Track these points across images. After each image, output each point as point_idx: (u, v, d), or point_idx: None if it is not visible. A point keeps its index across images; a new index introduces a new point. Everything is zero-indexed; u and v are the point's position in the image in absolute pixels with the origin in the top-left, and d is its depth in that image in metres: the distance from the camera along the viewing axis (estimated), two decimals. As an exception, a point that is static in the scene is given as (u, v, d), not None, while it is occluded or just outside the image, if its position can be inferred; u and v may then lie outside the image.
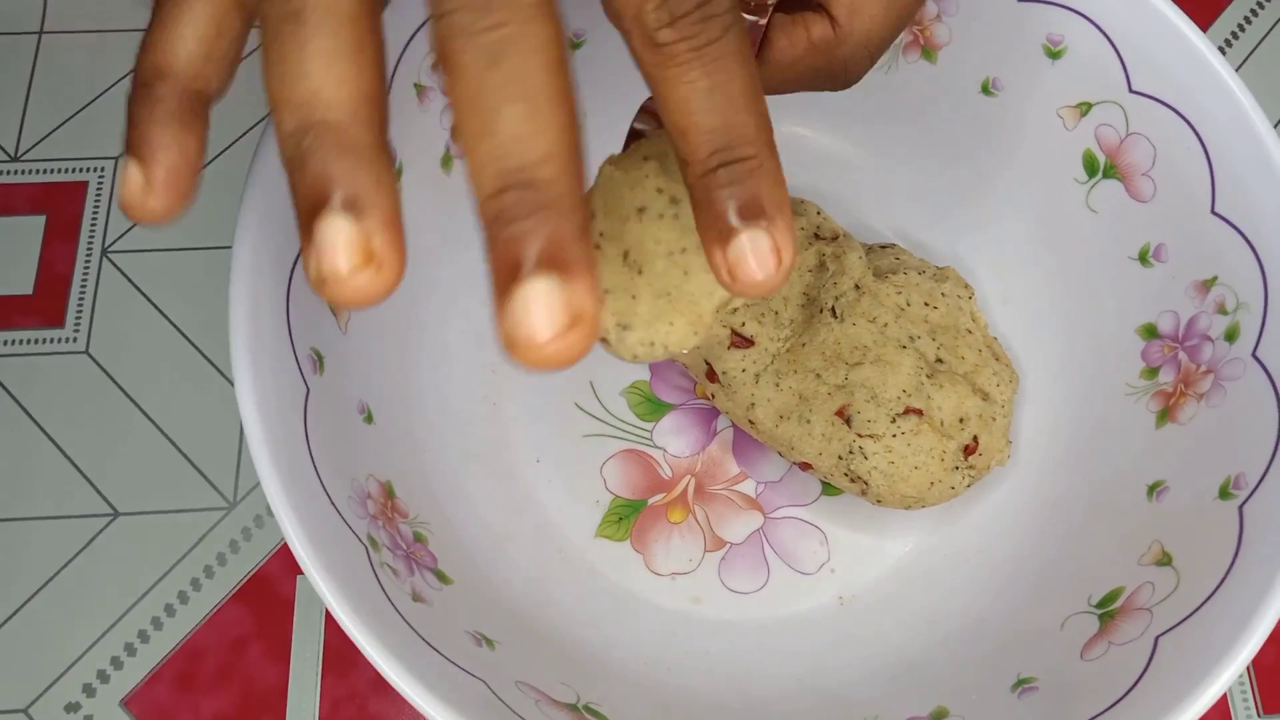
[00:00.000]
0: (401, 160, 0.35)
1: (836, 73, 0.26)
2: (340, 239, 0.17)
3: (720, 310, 0.22)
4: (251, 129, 0.45)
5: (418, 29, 0.34)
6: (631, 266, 0.21)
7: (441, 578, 0.32)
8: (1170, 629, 0.29)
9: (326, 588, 0.26)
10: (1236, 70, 0.48)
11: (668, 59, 0.19)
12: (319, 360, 0.31)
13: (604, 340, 0.22)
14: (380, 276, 0.17)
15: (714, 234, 0.19)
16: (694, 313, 0.22)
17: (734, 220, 0.19)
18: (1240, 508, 0.30)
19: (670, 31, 0.19)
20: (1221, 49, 0.49)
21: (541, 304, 0.16)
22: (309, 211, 0.17)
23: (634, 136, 0.26)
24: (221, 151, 0.44)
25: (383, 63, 0.18)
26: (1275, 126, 0.45)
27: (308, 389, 0.30)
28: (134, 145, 0.20)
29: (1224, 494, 0.31)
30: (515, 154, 0.17)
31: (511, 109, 0.17)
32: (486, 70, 0.17)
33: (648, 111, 0.26)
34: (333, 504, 0.29)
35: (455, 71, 0.17)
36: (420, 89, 0.35)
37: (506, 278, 0.17)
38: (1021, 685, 0.31)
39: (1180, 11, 0.33)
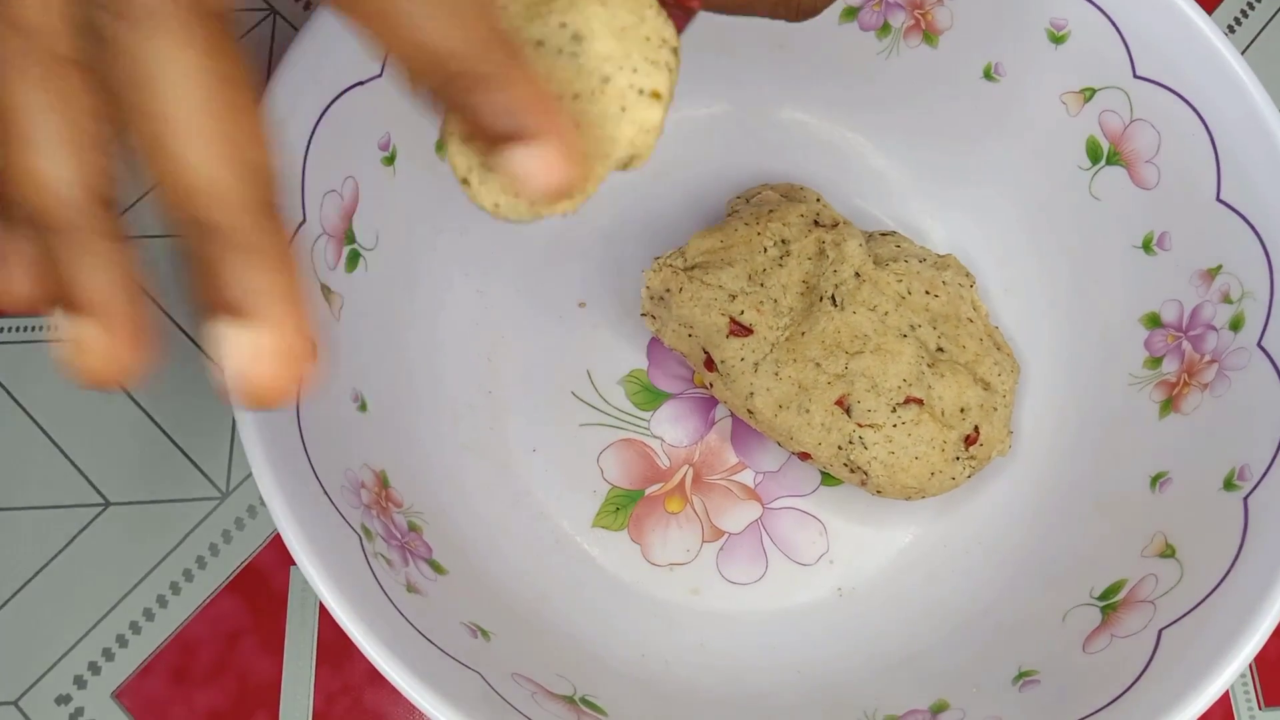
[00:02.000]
0: (395, 146, 0.35)
1: (794, 2, 0.24)
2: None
3: (609, 170, 0.20)
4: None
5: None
6: None
7: (436, 568, 0.32)
8: (1174, 622, 0.29)
9: (319, 578, 0.26)
10: (1242, 53, 0.48)
11: None
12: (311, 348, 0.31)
13: (464, 182, 0.20)
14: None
15: (491, 146, 0.17)
16: (582, 170, 0.19)
17: (504, 141, 0.17)
18: (1245, 499, 0.29)
19: None
20: (1226, 33, 0.48)
21: (235, 343, 0.17)
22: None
23: None
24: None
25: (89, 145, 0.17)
26: None
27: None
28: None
29: (1229, 485, 0.30)
30: (171, 194, 0.16)
31: (157, 147, 0.16)
32: (131, 115, 0.16)
33: None
34: (325, 493, 0.28)
35: (120, 112, 0.17)
36: (415, 73, 0.35)
37: (210, 313, 0.17)
38: (1023, 678, 0.31)
39: (1186, -4, 0.32)
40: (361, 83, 0.32)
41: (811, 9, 0.25)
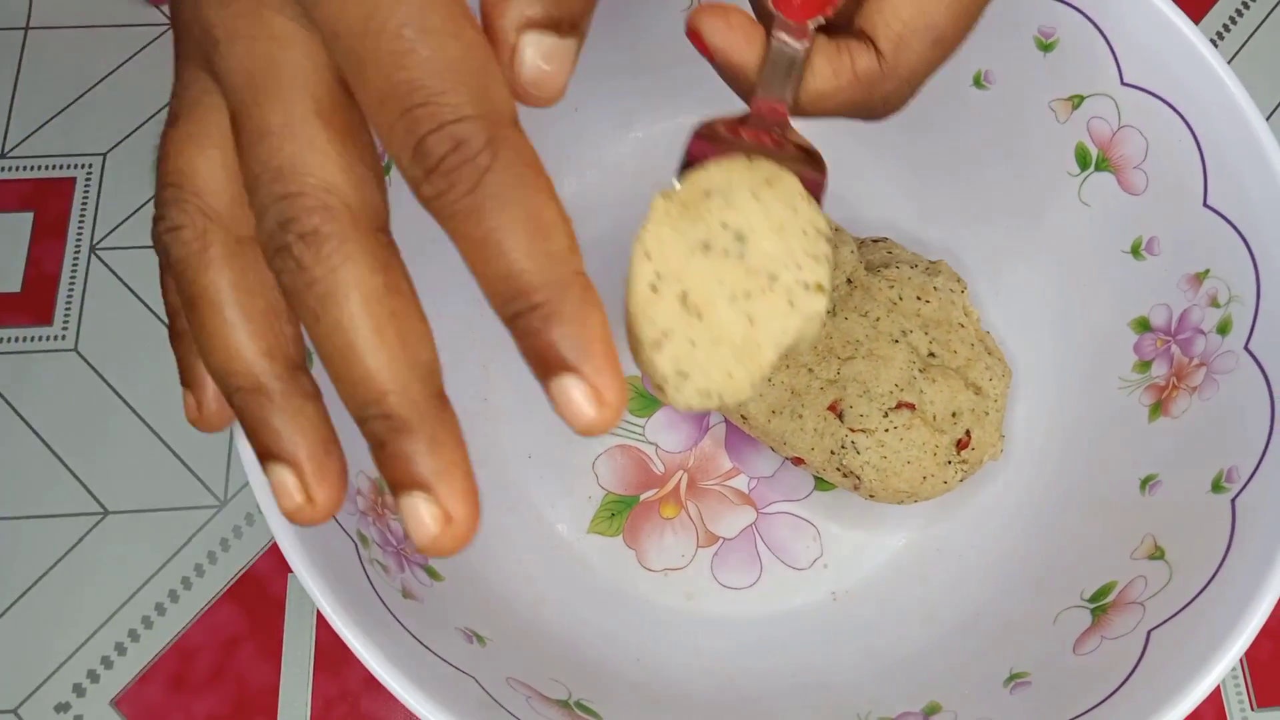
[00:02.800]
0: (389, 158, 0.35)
1: (875, 107, 0.25)
2: (287, 481, 0.20)
3: (778, 356, 0.21)
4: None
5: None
6: (691, 310, 0.20)
7: (432, 574, 0.32)
8: (1163, 623, 0.29)
9: (315, 584, 0.26)
10: (1228, 63, 0.48)
11: (437, 213, 0.18)
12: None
13: (659, 388, 0.21)
14: (326, 503, 0.20)
15: (538, 373, 0.19)
16: (756, 363, 0.21)
17: (541, 369, 0.18)
18: (1233, 501, 0.30)
19: (429, 186, 0.18)
20: (1213, 41, 0.49)
21: (423, 517, 0.19)
22: (260, 458, 0.20)
23: (690, 162, 0.25)
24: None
25: (271, 313, 0.20)
26: (1267, 119, 0.45)
27: (296, 386, 0.30)
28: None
29: (1217, 487, 0.31)
30: (358, 395, 0.19)
31: (342, 360, 0.18)
32: (315, 326, 0.19)
33: (704, 137, 0.25)
34: (322, 501, 0.28)
35: (300, 317, 0.19)
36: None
37: (394, 488, 0.19)
38: (1014, 680, 0.31)
39: (1172, 4, 0.33)
40: (356, 93, 0.33)
41: (892, 112, 0.26)
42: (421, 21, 0.18)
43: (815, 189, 0.24)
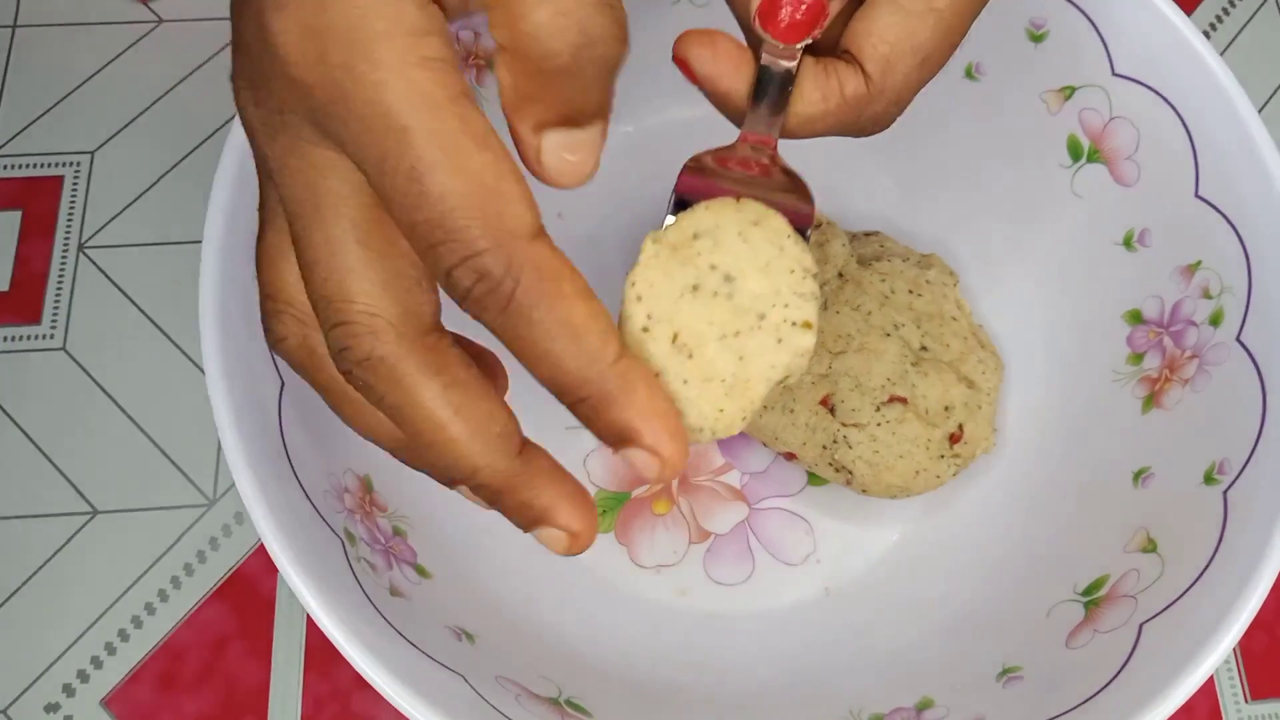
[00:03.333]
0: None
1: (864, 126, 0.26)
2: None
3: (768, 391, 0.22)
4: (222, 127, 0.44)
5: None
6: (681, 350, 0.21)
7: (421, 572, 0.32)
8: (1154, 616, 0.29)
9: (301, 582, 0.26)
10: (1221, 54, 0.48)
11: (483, 324, 0.20)
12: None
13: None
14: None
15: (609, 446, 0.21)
16: (746, 398, 0.22)
17: (610, 446, 0.21)
18: (1225, 493, 0.30)
19: (467, 307, 0.20)
20: (1205, 34, 0.48)
21: (550, 542, 0.23)
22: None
23: (680, 205, 0.25)
24: (194, 149, 0.44)
25: (488, 391, 0.22)
26: (1260, 112, 0.45)
27: (283, 382, 0.30)
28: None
29: (1209, 479, 0.30)
30: (459, 477, 0.22)
31: (431, 454, 0.22)
32: (401, 429, 0.22)
33: (693, 171, 0.25)
34: (308, 498, 0.28)
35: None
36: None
37: (520, 526, 0.23)
38: (1007, 674, 0.31)
39: (1162, -7, 0.33)
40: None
41: (879, 130, 0.26)
42: (428, 159, 0.19)
43: (803, 220, 0.25)
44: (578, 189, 0.21)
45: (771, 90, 0.24)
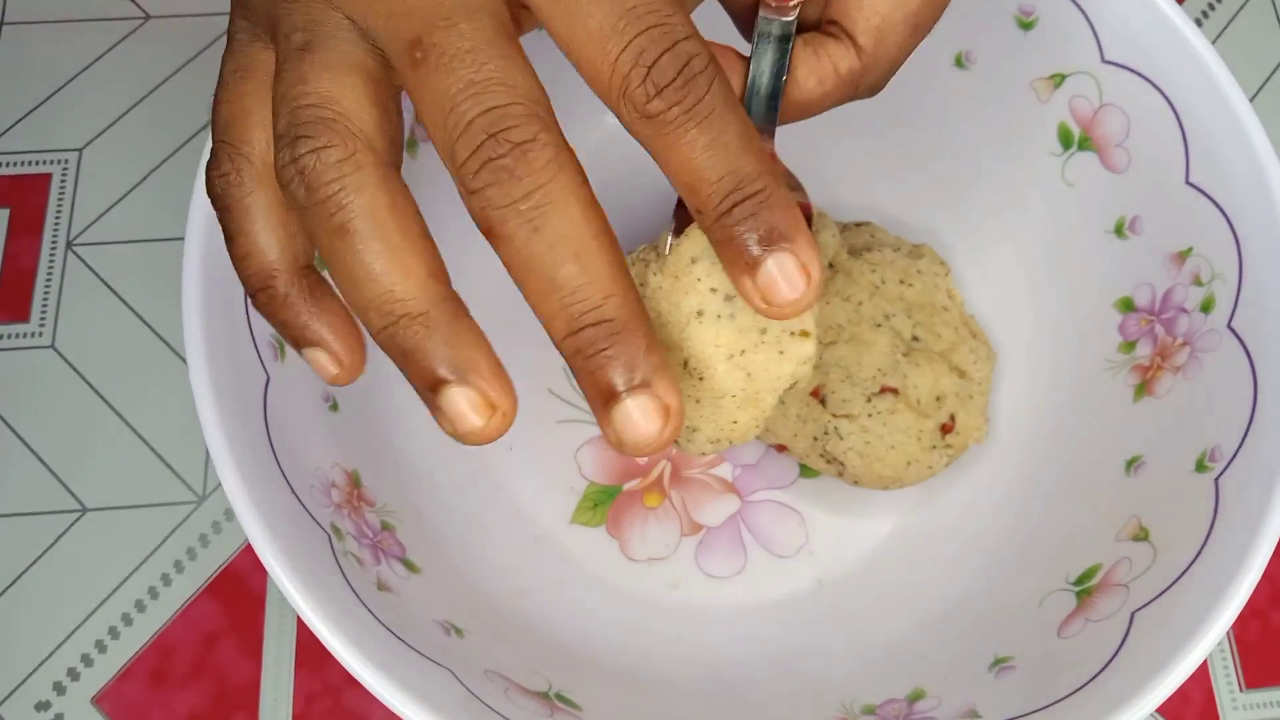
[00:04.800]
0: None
1: (859, 96, 0.26)
2: (463, 404, 0.20)
3: (776, 401, 0.23)
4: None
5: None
6: (693, 374, 0.22)
7: (410, 567, 0.32)
8: (1146, 604, 0.29)
9: (286, 577, 0.26)
10: (1213, 42, 0.48)
11: (662, 126, 0.19)
12: (279, 347, 0.31)
13: (674, 443, 0.23)
14: (503, 416, 0.20)
15: (740, 267, 0.20)
16: (758, 408, 0.23)
17: (756, 250, 0.20)
18: (1216, 480, 0.29)
19: (659, 102, 0.19)
20: (1198, 21, 0.48)
21: (638, 417, 0.20)
22: (427, 390, 0.20)
23: (681, 213, 0.25)
24: (183, 144, 0.44)
25: (428, 236, 0.20)
26: (1252, 100, 0.45)
27: (268, 376, 0.30)
28: (302, 339, 0.23)
29: (1200, 467, 0.30)
30: (579, 303, 0.19)
31: (565, 269, 0.19)
32: (533, 238, 0.19)
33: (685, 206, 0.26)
34: (293, 492, 0.28)
35: (502, 242, 0.20)
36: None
37: (604, 400, 0.20)
38: (999, 665, 0.31)
39: (1150, -21, 0.32)
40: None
41: (873, 94, 0.26)
42: None
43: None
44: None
45: (765, 81, 0.24)
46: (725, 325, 0.22)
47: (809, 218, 0.25)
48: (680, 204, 0.25)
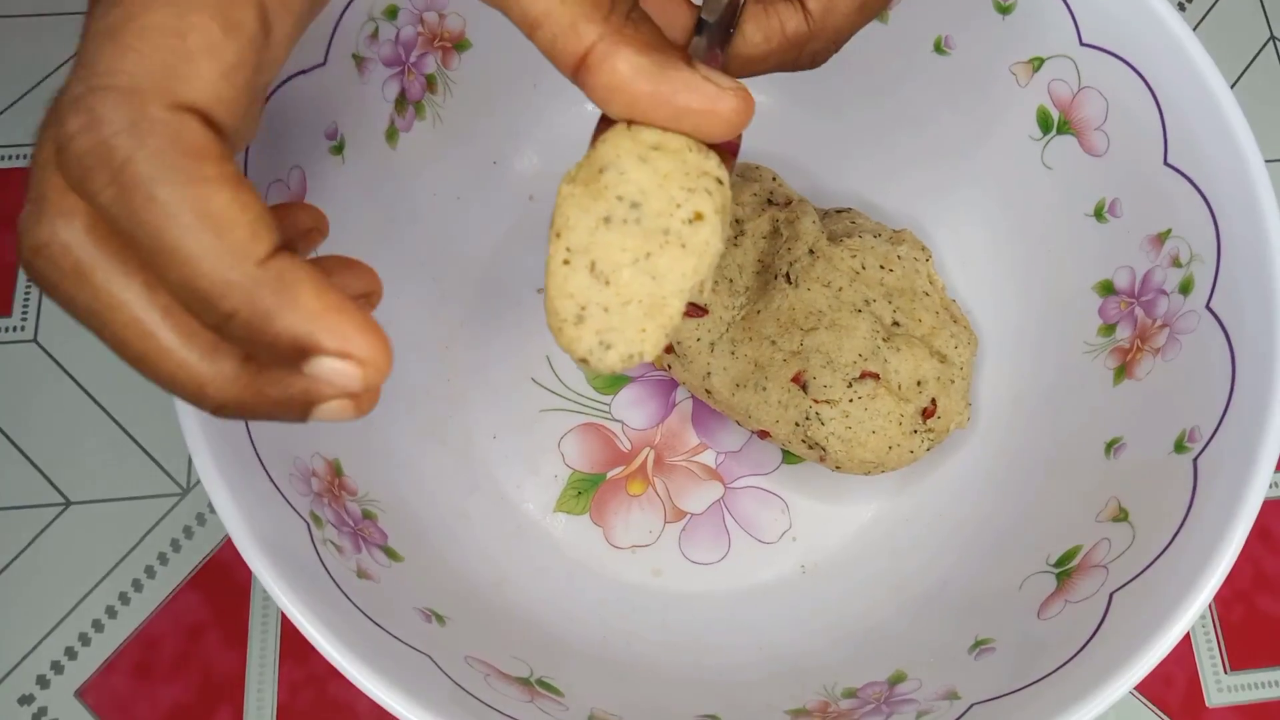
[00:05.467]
0: (343, 135, 0.35)
1: (803, 63, 0.26)
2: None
3: (684, 303, 0.23)
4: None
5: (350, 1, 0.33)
6: (599, 278, 0.22)
7: (391, 555, 0.32)
8: (1125, 584, 0.29)
9: (262, 564, 0.26)
10: (1195, 27, 0.48)
11: (101, 206, 0.17)
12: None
13: (583, 361, 0.23)
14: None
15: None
16: (665, 314, 0.22)
17: (296, 368, 0.18)
18: (1195, 460, 0.29)
19: (72, 170, 0.17)
20: (1181, 5, 0.48)
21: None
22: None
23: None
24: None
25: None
26: (1233, 86, 0.45)
27: (246, 366, 0.30)
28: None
29: (1179, 448, 0.30)
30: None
31: None
32: None
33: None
34: (271, 480, 0.28)
35: None
36: (359, 60, 0.34)
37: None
38: (979, 646, 0.31)
39: (1126, -40, 0.32)
40: (304, 71, 0.32)
41: (817, 65, 0.26)
42: None
43: (729, 148, 0.24)
44: (546, 170, 0.22)
45: (714, 30, 0.24)
46: (631, 229, 0.22)
47: (734, 152, 0.25)
48: (601, 120, 0.25)
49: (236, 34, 0.18)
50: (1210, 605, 0.38)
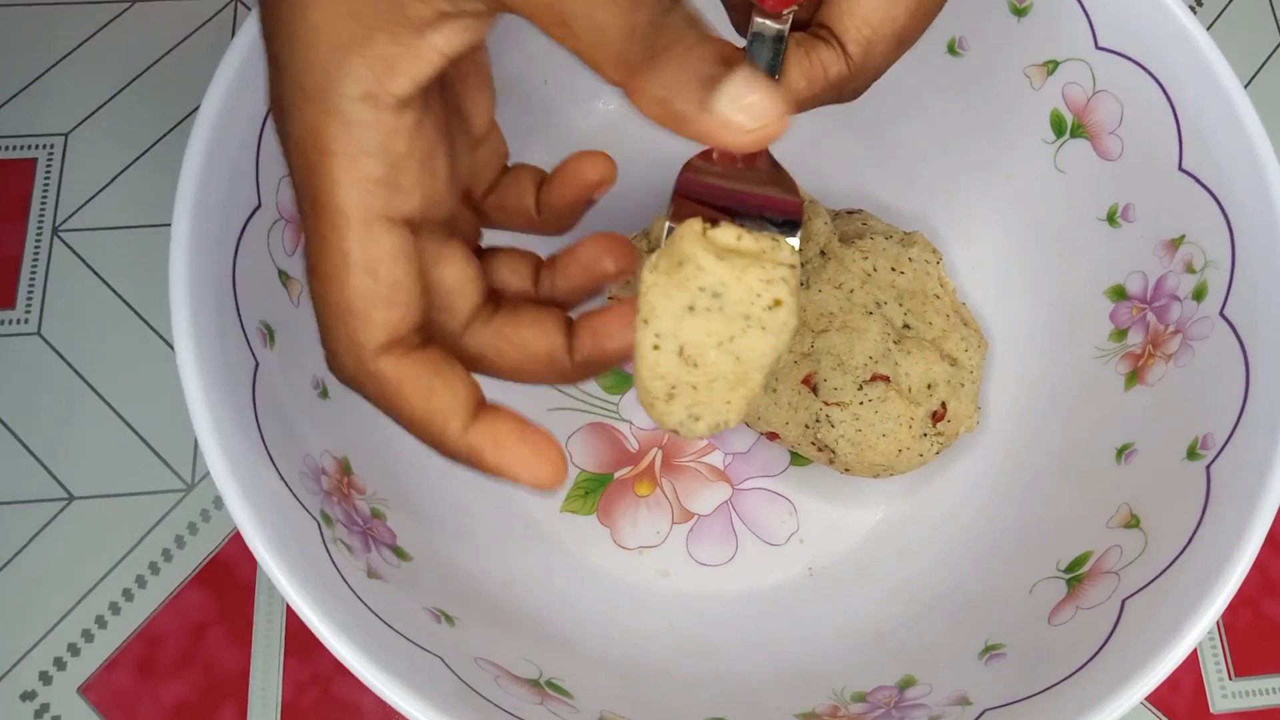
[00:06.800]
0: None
1: (844, 99, 0.27)
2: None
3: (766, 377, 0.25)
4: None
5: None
6: (688, 361, 0.24)
7: (400, 554, 0.32)
8: (1137, 591, 0.29)
9: (275, 564, 0.25)
10: (1208, 29, 0.48)
11: None
12: (269, 333, 0.30)
13: (675, 430, 0.25)
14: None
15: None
16: (748, 386, 0.24)
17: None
18: (1208, 468, 0.29)
19: None
20: (1192, 9, 0.48)
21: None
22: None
23: (679, 191, 0.27)
24: (170, 130, 0.43)
25: None
26: (1246, 88, 0.44)
27: (257, 363, 0.29)
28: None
29: (1192, 454, 0.30)
30: None
31: None
32: None
33: (688, 170, 0.27)
34: (283, 479, 0.28)
35: None
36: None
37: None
38: (989, 652, 0.31)
39: (1145, -36, 0.32)
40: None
41: (849, 99, 0.27)
42: None
43: (791, 209, 0.26)
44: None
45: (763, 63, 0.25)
46: (715, 316, 0.24)
47: (799, 210, 0.26)
48: (676, 193, 0.26)
49: None
50: (1216, 611, 0.38)
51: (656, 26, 0.20)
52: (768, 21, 0.25)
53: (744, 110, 0.20)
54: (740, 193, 0.26)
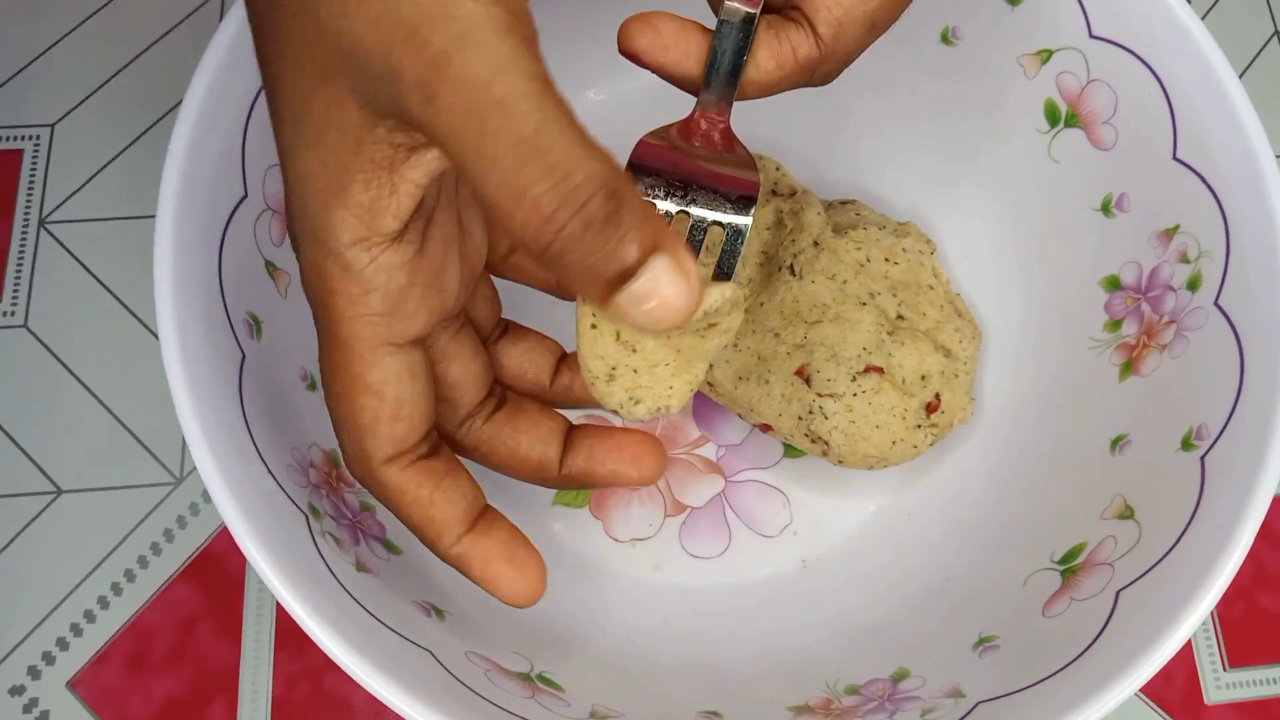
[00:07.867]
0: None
1: (814, 82, 0.27)
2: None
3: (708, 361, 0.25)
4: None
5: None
6: (625, 346, 0.24)
7: (390, 548, 0.31)
8: (1131, 583, 0.28)
9: (260, 556, 0.25)
10: (1202, 18, 0.47)
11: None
12: (256, 325, 0.30)
13: (616, 411, 0.25)
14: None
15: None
16: (691, 373, 0.25)
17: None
18: (1202, 458, 0.29)
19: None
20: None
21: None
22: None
23: (635, 164, 0.27)
24: (156, 121, 0.43)
25: None
26: (1240, 77, 0.44)
27: (243, 354, 0.29)
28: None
29: (1186, 445, 0.30)
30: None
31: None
32: None
33: (649, 142, 0.27)
34: (269, 472, 0.28)
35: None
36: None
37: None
38: (983, 644, 0.31)
39: (1139, -48, 0.32)
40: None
41: (826, 83, 0.27)
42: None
43: (748, 188, 0.26)
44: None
45: (726, 60, 0.26)
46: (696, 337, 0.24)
47: (755, 188, 0.26)
48: (630, 165, 0.27)
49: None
50: (1210, 602, 0.38)
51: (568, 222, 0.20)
52: (738, 5, 0.25)
53: (644, 315, 0.21)
54: (696, 168, 0.26)
